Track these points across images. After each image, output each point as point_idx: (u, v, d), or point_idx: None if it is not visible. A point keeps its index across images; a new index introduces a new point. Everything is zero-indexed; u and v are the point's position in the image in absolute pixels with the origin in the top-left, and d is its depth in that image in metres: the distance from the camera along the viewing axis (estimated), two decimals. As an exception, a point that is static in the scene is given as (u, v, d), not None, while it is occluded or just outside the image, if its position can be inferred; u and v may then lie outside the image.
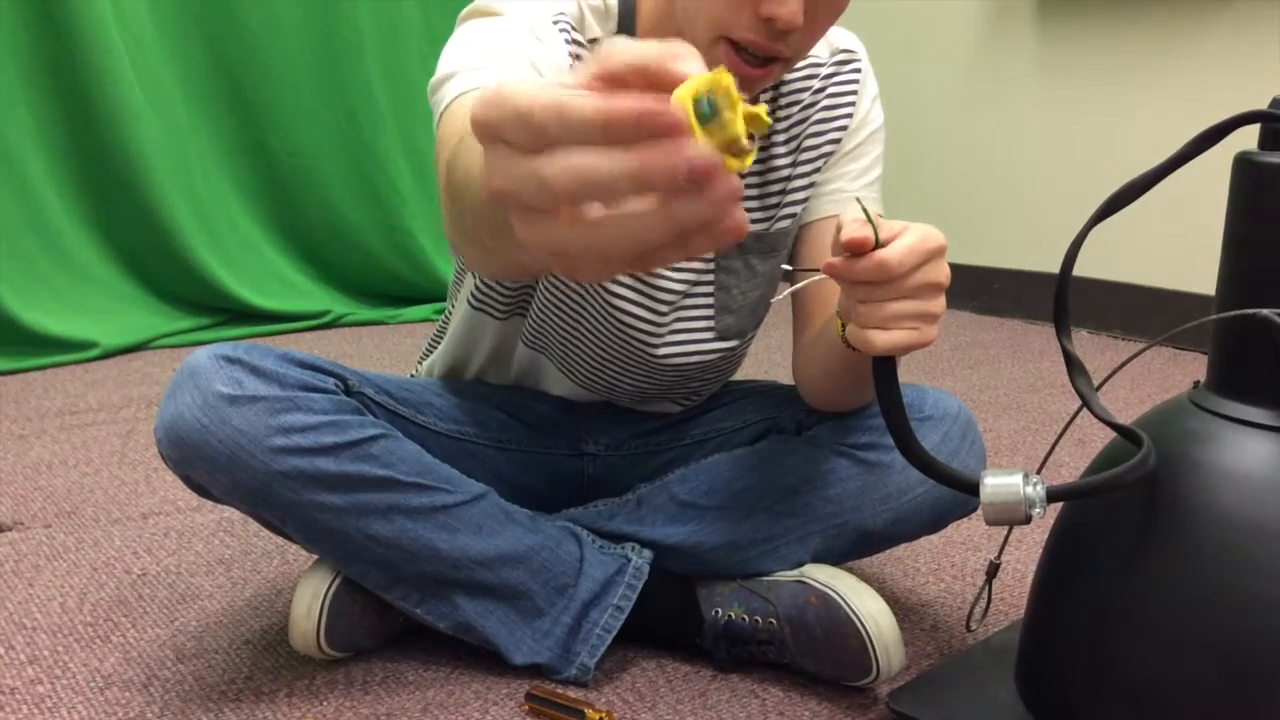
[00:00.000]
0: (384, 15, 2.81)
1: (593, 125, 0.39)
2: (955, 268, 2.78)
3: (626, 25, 1.02)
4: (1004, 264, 2.89)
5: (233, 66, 2.74)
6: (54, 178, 2.57)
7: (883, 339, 0.83)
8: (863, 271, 0.80)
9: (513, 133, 0.41)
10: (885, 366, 0.86)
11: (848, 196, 1.10)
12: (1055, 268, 0.93)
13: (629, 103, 0.39)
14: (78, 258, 2.62)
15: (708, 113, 0.41)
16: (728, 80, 0.42)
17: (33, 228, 2.54)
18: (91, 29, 2.47)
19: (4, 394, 2.22)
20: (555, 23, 0.99)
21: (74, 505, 1.60)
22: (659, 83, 0.41)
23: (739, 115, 0.42)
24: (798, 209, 1.11)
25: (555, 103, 0.39)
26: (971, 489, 0.82)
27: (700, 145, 0.39)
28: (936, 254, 0.82)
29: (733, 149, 0.42)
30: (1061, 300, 0.94)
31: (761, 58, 0.90)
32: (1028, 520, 0.80)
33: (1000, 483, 0.80)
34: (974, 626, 1.06)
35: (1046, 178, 2.78)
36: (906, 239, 0.81)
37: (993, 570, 1.01)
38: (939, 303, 0.84)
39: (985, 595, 1.01)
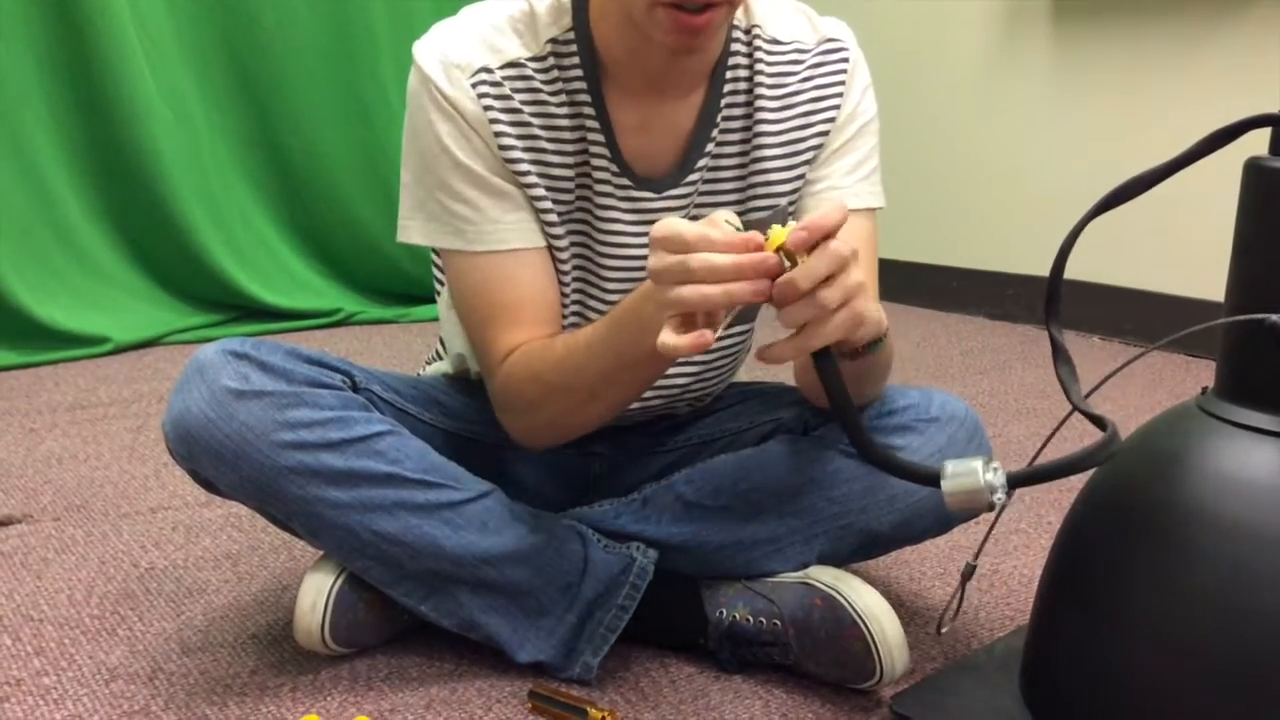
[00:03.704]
0: (398, 12, 2.82)
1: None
2: (967, 273, 2.76)
3: (579, 14, 1.02)
4: (1016, 269, 2.88)
5: (247, 64, 2.75)
6: (69, 174, 2.58)
7: (808, 340, 0.81)
8: (778, 293, 0.79)
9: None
10: (825, 361, 0.84)
11: (841, 194, 1.09)
12: (1066, 275, 0.93)
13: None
14: (91, 253, 2.63)
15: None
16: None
17: (47, 223, 2.55)
18: (107, 26, 2.49)
19: (16, 388, 2.23)
20: (476, 78, 1.00)
21: (83, 499, 1.61)
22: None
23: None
24: (780, 200, 1.10)
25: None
26: (932, 480, 0.82)
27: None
28: (844, 260, 0.79)
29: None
30: (1054, 287, 0.94)
31: (699, 6, 0.91)
32: (991, 507, 0.81)
33: (960, 471, 0.80)
34: (944, 630, 1.04)
35: (1060, 182, 2.77)
36: (811, 258, 0.79)
37: (968, 572, 0.99)
38: (859, 304, 0.81)
39: (959, 598, 1.00)
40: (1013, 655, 1.02)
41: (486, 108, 1.00)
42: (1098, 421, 0.84)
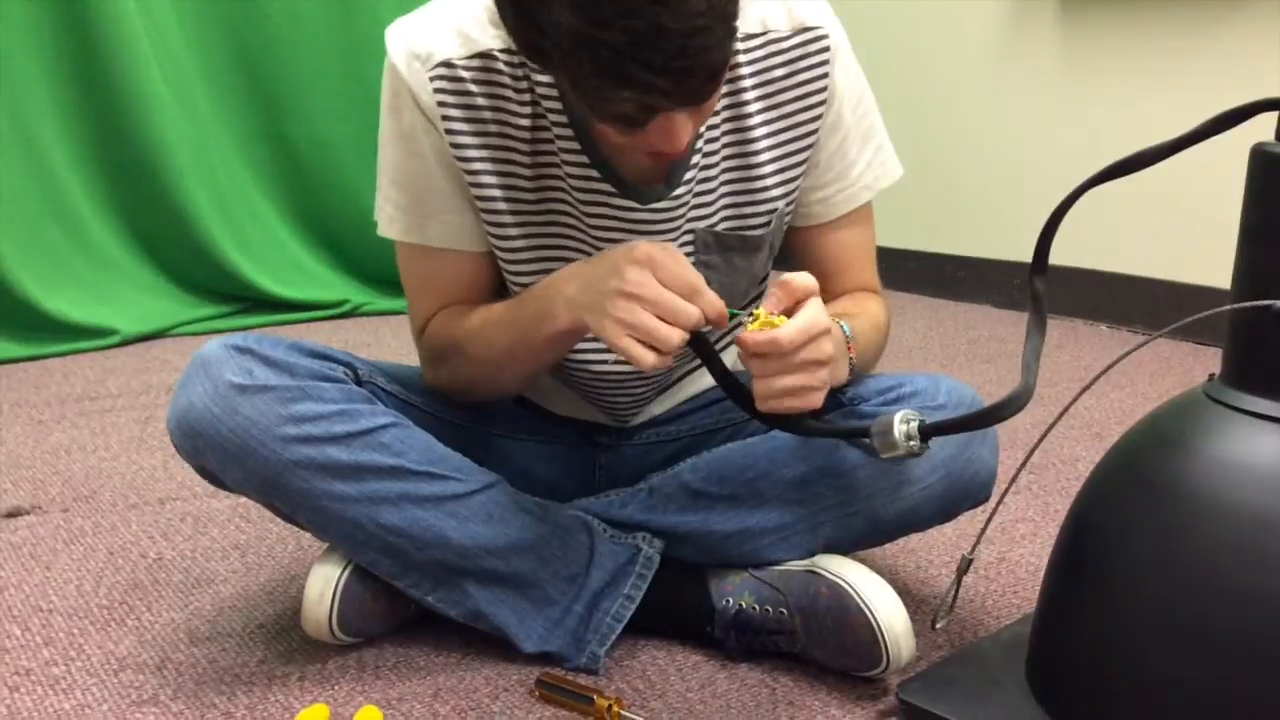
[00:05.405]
0: (404, 4, 2.81)
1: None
2: (974, 261, 2.76)
3: None
4: (1023, 257, 2.86)
5: (254, 55, 2.74)
6: (76, 166, 2.59)
7: (769, 406, 0.94)
8: (757, 345, 0.90)
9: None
10: (703, 348, 1.00)
11: (856, 191, 1.12)
12: (1074, 262, 0.94)
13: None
14: (99, 245, 2.63)
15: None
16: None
17: (55, 215, 2.56)
18: (114, 18, 2.49)
19: (25, 380, 2.24)
20: (435, 72, 1.02)
21: (92, 490, 1.61)
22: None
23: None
24: (778, 204, 1.10)
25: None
26: (862, 434, 0.97)
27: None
28: (821, 333, 0.91)
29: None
30: (1044, 245, 0.95)
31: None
32: (912, 453, 0.95)
33: (882, 426, 0.96)
34: (939, 625, 1.03)
35: (1066, 171, 2.75)
36: (797, 320, 0.90)
37: (965, 566, 0.98)
38: (821, 375, 0.93)
39: (954, 593, 0.99)
40: (1019, 643, 1.02)
41: (441, 103, 1.02)
42: (1026, 379, 0.93)
